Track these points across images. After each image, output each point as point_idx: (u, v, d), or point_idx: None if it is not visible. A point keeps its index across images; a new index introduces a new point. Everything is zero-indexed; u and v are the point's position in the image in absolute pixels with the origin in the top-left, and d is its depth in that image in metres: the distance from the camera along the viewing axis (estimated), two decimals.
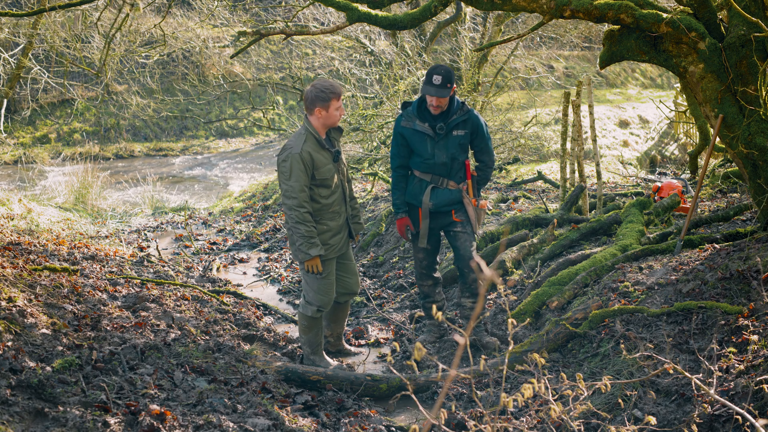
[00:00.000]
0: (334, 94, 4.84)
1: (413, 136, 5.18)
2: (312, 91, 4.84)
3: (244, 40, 11.19)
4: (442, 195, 5.23)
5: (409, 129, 5.18)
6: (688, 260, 5.07)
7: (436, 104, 5.04)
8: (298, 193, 4.78)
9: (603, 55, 5.11)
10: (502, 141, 12.57)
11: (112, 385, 3.76)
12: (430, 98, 5.02)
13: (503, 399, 2.62)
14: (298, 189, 4.78)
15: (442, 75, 4.95)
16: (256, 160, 18.42)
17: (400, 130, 5.21)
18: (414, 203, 5.31)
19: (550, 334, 4.73)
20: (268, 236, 9.47)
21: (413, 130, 5.16)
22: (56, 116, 19.53)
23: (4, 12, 7.30)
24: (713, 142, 5.07)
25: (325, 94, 4.81)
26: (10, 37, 15.57)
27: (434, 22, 14.02)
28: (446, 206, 5.25)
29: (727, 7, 4.88)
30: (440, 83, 4.95)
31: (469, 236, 5.26)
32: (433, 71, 4.99)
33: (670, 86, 24.29)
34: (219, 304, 6.16)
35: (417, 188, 5.28)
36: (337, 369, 5.04)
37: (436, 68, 5.02)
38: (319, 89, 4.83)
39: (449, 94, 5.00)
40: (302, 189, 4.79)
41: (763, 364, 3.60)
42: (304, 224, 4.80)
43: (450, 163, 5.19)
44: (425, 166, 5.22)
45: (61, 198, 11.83)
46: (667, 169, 14.70)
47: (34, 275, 5.35)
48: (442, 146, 5.15)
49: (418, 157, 5.23)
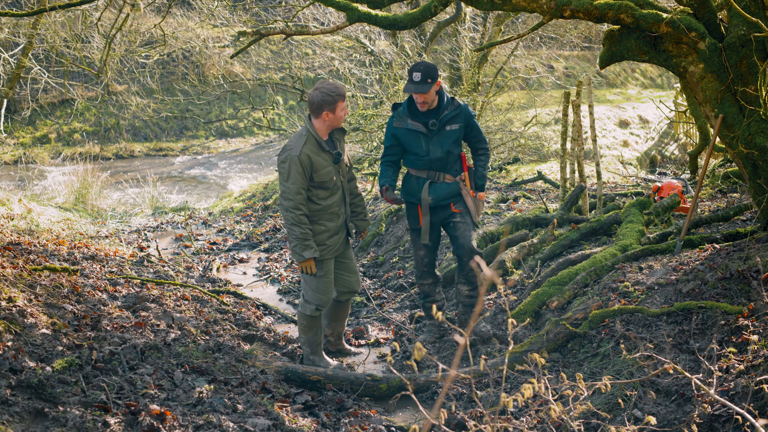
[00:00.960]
0: (340, 96, 4.83)
1: (406, 136, 5.21)
2: (318, 96, 4.81)
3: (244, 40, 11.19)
4: (440, 189, 5.27)
5: (401, 129, 5.21)
6: (688, 260, 5.07)
7: (421, 101, 5.08)
8: (294, 196, 4.78)
9: (603, 55, 5.11)
10: (502, 141, 12.56)
11: (112, 385, 3.76)
12: (416, 96, 5.07)
13: (503, 399, 2.62)
14: (295, 191, 4.78)
15: (421, 71, 4.99)
16: (256, 160, 18.42)
17: (393, 131, 5.25)
18: (413, 200, 5.33)
19: (550, 334, 4.73)
20: (268, 236, 9.47)
21: (406, 129, 5.20)
22: (56, 116, 19.53)
23: (4, 12, 7.30)
24: (713, 142, 5.07)
25: (332, 97, 4.80)
26: (10, 37, 15.56)
27: (434, 22, 14.01)
28: (445, 199, 5.28)
29: (727, 7, 4.88)
30: (420, 80, 4.99)
31: (468, 225, 5.29)
32: (413, 68, 5.04)
33: (670, 86, 24.30)
34: (219, 304, 6.16)
35: (414, 185, 5.30)
36: (337, 369, 5.04)
37: (416, 65, 5.06)
38: (326, 93, 4.81)
39: (429, 89, 5.02)
40: (299, 191, 4.79)
41: (763, 364, 3.60)
42: (299, 226, 4.81)
43: (445, 158, 5.23)
44: (421, 163, 5.24)
45: (61, 198, 11.83)
46: (667, 169, 14.70)
47: (34, 275, 5.35)
48: (436, 142, 5.19)
49: (413, 155, 5.25)
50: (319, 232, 4.96)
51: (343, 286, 5.28)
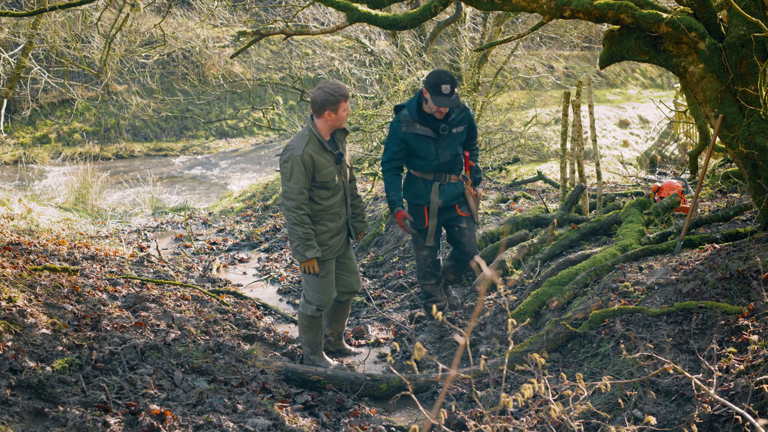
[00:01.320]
0: (343, 96, 4.81)
1: (415, 141, 5.17)
2: (320, 95, 4.80)
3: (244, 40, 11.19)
4: (448, 190, 5.30)
5: (411, 134, 5.16)
6: (688, 260, 5.07)
7: (445, 110, 5.05)
8: (297, 195, 4.78)
9: (603, 55, 5.11)
10: (502, 141, 12.56)
11: (112, 385, 3.76)
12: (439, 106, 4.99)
13: (503, 399, 2.62)
14: (297, 191, 4.77)
15: (449, 83, 4.92)
16: (256, 160, 18.42)
17: (402, 135, 5.17)
18: (419, 202, 5.33)
19: (550, 334, 4.73)
20: (268, 236, 9.47)
21: (415, 134, 5.16)
22: (56, 116, 19.53)
23: (4, 12, 7.30)
24: (713, 142, 5.07)
25: (334, 97, 4.79)
26: (10, 37, 15.56)
27: (434, 22, 14.02)
28: (452, 201, 5.32)
29: (727, 7, 4.87)
30: (449, 92, 4.94)
31: (473, 231, 5.38)
32: (440, 81, 4.92)
33: (670, 86, 24.29)
34: (219, 304, 6.16)
35: (421, 188, 5.30)
36: (337, 369, 5.04)
37: (442, 77, 4.94)
38: (328, 92, 4.79)
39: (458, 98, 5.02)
40: (301, 191, 4.78)
41: (763, 364, 3.60)
42: (302, 226, 4.81)
43: (453, 160, 5.25)
44: (429, 167, 5.23)
45: (61, 198, 11.83)
46: (667, 169, 14.69)
47: (34, 275, 5.35)
48: (444, 146, 5.18)
49: (421, 159, 5.22)
50: (321, 232, 4.96)
51: (343, 287, 5.28)
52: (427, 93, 5.01)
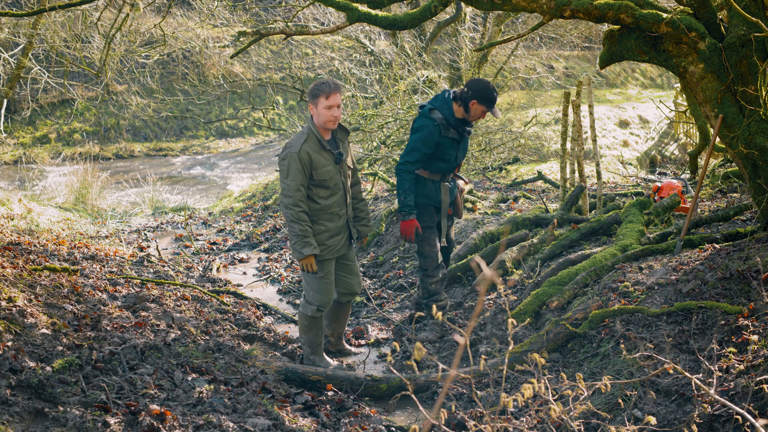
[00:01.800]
0: (322, 91, 4.77)
1: (446, 144, 5.31)
2: (310, 87, 4.89)
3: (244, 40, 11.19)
4: (452, 190, 5.50)
5: (446, 138, 5.28)
6: (688, 260, 5.07)
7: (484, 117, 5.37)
8: (294, 192, 4.79)
9: (603, 55, 5.11)
10: (502, 141, 12.56)
11: (112, 385, 3.76)
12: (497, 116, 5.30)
13: (503, 399, 2.62)
14: (294, 188, 4.78)
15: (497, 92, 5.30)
16: (256, 160, 18.42)
17: (439, 139, 5.25)
18: (429, 203, 5.41)
19: (550, 334, 4.73)
20: (268, 236, 9.47)
21: (449, 138, 5.30)
22: (56, 116, 19.53)
23: (4, 12, 7.30)
24: (713, 142, 5.07)
25: (315, 91, 4.82)
26: (10, 37, 15.57)
27: (434, 22, 14.02)
28: (453, 199, 5.52)
29: (727, 7, 4.87)
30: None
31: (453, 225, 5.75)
32: (494, 91, 5.21)
33: (670, 86, 24.29)
34: (219, 304, 6.16)
35: (431, 188, 5.39)
36: (337, 369, 5.04)
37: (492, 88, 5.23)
38: (313, 85, 4.88)
39: None
40: (298, 188, 4.79)
41: (763, 364, 3.60)
42: (299, 223, 4.81)
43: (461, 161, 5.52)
44: (446, 168, 5.38)
45: (61, 198, 11.83)
46: (667, 169, 14.70)
47: (34, 275, 5.35)
48: (462, 148, 5.41)
49: (444, 162, 5.35)
50: (319, 232, 4.95)
51: (343, 288, 5.28)
52: (479, 104, 5.17)
